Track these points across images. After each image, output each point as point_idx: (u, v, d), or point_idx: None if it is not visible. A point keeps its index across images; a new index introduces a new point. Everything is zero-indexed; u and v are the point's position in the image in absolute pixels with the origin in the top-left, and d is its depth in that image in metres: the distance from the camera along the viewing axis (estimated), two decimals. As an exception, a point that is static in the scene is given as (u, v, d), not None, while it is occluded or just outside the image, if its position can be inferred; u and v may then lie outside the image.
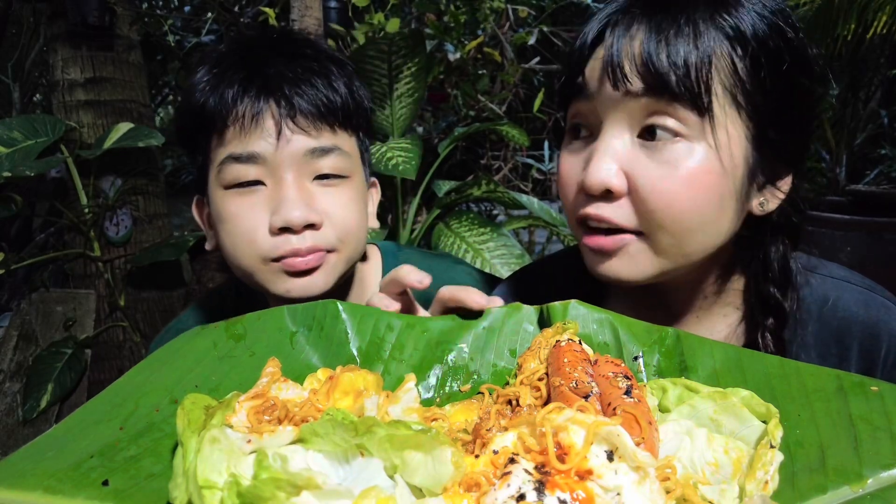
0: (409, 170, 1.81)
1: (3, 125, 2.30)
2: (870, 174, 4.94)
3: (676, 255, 0.66)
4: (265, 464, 0.37)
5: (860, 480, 0.42)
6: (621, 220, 0.65)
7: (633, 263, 0.67)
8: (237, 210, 0.81)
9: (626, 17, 0.64)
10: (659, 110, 0.62)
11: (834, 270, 0.77)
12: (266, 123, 0.79)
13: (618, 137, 0.65)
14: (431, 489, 0.39)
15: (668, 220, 0.64)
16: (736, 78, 0.62)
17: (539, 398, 0.50)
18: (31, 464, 0.43)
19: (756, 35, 0.63)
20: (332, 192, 0.83)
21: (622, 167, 0.64)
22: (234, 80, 0.79)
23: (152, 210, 2.68)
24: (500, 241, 2.18)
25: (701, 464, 0.44)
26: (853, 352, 0.73)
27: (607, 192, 0.65)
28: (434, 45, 2.88)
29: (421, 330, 0.61)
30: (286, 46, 0.85)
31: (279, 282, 0.82)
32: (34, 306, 2.53)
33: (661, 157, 0.63)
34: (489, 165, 3.66)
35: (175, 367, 0.55)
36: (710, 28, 0.62)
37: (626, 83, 0.62)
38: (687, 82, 0.61)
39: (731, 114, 0.63)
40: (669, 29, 0.61)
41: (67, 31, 2.48)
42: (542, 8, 3.59)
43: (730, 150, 0.63)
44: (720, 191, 0.64)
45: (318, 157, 0.81)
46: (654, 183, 0.63)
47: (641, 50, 0.61)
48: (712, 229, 0.66)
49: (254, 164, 0.79)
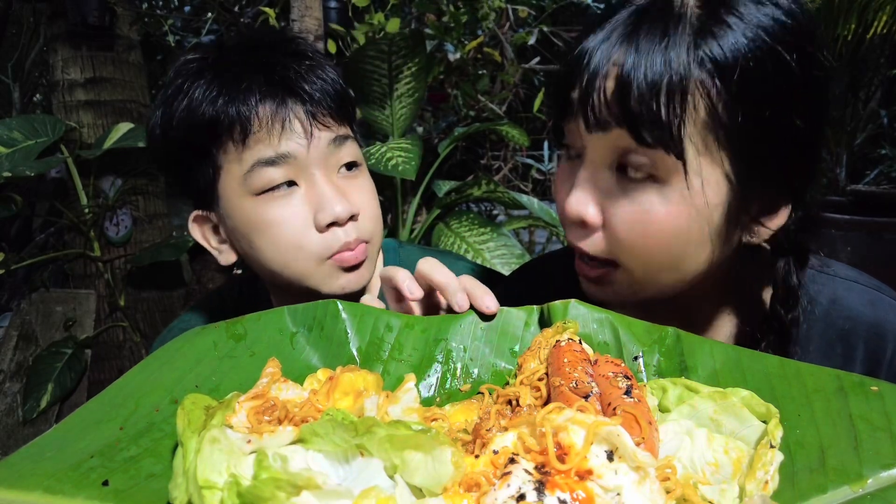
0: (409, 170, 1.82)
1: (4, 125, 2.31)
2: (870, 174, 4.94)
3: (653, 286, 0.67)
4: (265, 464, 0.37)
5: (860, 480, 0.42)
6: (594, 251, 0.66)
7: (614, 291, 0.69)
8: (278, 215, 0.79)
9: (607, 47, 0.60)
10: (633, 149, 0.60)
11: (841, 270, 0.76)
12: (293, 124, 0.79)
13: (597, 169, 0.64)
14: (431, 489, 0.39)
15: (638, 257, 0.64)
16: (714, 120, 0.58)
17: (539, 398, 0.50)
18: (31, 464, 0.43)
19: (741, 65, 0.57)
20: (356, 182, 0.85)
21: (598, 200, 0.64)
22: (252, 86, 0.78)
23: (152, 210, 2.68)
24: (501, 241, 2.18)
25: (701, 464, 0.44)
26: (858, 351, 0.72)
27: (583, 222, 0.65)
28: (434, 45, 2.88)
29: (420, 330, 0.61)
30: (285, 45, 0.85)
31: (333, 280, 0.83)
32: (34, 306, 2.53)
33: (634, 195, 0.62)
34: (489, 165, 3.66)
35: (175, 367, 0.55)
36: (691, 64, 0.57)
37: (603, 119, 0.61)
38: (657, 129, 0.58)
39: (707, 158, 0.60)
40: (643, 67, 0.58)
41: (67, 31, 2.48)
42: (542, 8, 3.59)
43: (705, 195, 0.61)
44: (693, 233, 0.62)
45: (338, 147, 0.83)
46: (626, 221, 0.63)
47: (616, 89, 0.59)
48: (687, 265, 0.65)
49: (284, 166, 0.79)
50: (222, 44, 0.86)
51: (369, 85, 2.20)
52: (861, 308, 0.73)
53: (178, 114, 0.80)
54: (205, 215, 0.87)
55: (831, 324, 0.73)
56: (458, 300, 0.61)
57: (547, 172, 4.42)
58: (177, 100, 0.80)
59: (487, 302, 0.61)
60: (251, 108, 0.77)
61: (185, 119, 0.80)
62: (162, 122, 0.82)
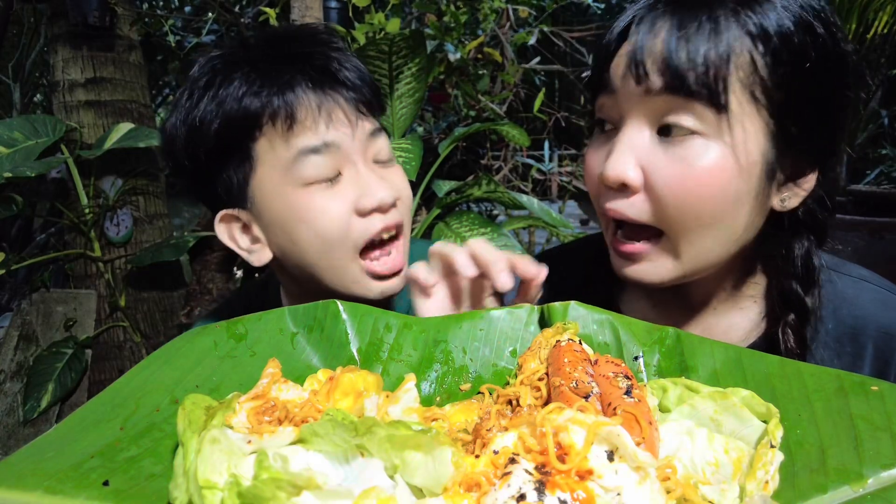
0: (410, 170, 1.82)
1: (4, 125, 2.31)
2: (870, 174, 4.94)
3: (694, 256, 0.67)
4: (266, 464, 0.37)
5: (860, 480, 0.42)
6: (636, 215, 0.66)
7: (654, 268, 0.69)
8: (322, 204, 0.79)
9: (651, 13, 0.64)
10: (677, 107, 0.63)
11: (854, 270, 0.77)
12: (337, 113, 0.79)
13: (637, 132, 0.65)
14: (432, 489, 0.39)
15: (681, 217, 0.65)
16: (756, 75, 0.62)
17: (539, 398, 0.50)
18: (31, 464, 0.43)
19: (780, 31, 0.62)
20: (390, 171, 0.86)
21: (639, 162, 0.65)
22: (296, 76, 0.78)
23: (153, 210, 2.69)
24: (501, 241, 2.18)
25: (701, 464, 0.44)
26: (868, 351, 0.72)
27: (623, 185, 0.66)
28: (434, 45, 2.88)
29: (419, 330, 0.61)
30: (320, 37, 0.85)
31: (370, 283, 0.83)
32: (35, 306, 2.53)
33: (677, 153, 0.63)
34: (489, 165, 3.67)
35: (175, 367, 0.55)
36: (732, 25, 0.62)
37: (647, 80, 0.63)
38: (704, 80, 0.61)
39: (750, 111, 0.63)
40: (690, 26, 0.61)
41: (68, 32, 2.48)
42: (542, 8, 3.59)
43: (746, 148, 0.63)
44: (735, 188, 0.64)
45: (375, 137, 0.84)
46: (669, 179, 0.64)
47: (663, 47, 0.62)
48: (727, 226, 0.66)
49: (328, 154, 0.79)
50: (246, 41, 0.85)
51: (369, 85, 2.20)
52: (872, 308, 0.73)
53: (208, 112, 0.79)
54: (234, 214, 0.84)
55: (841, 322, 0.74)
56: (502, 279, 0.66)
57: (547, 172, 4.42)
58: (204, 99, 0.79)
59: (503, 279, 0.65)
60: (297, 97, 0.77)
61: (218, 115, 0.78)
62: (187, 123, 0.80)
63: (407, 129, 2.38)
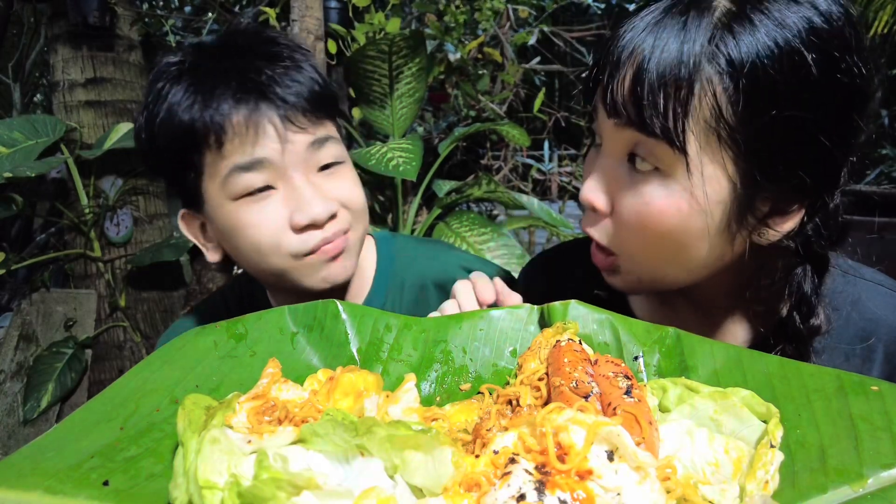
0: (410, 171, 1.81)
1: (4, 125, 2.31)
2: (870, 174, 4.94)
3: (656, 278, 0.69)
4: (266, 464, 0.37)
5: (860, 480, 0.42)
6: (599, 237, 0.69)
7: (623, 280, 0.71)
8: (255, 218, 0.80)
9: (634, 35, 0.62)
10: (641, 142, 0.62)
11: (865, 272, 0.76)
12: (267, 130, 0.79)
13: (610, 158, 0.66)
14: (432, 489, 0.39)
15: (637, 248, 0.66)
16: (721, 118, 0.58)
17: (539, 398, 0.50)
18: (31, 464, 0.43)
19: (752, 66, 0.56)
20: (336, 179, 0.85)
21: (607, 189, 0.67)
22: (225, 93, 0.78)
23: (153, 210, 2.69)
24: (501, 241, 2.18)
25: (701, 464, 0.44)
26: (878, 353, 0.72)
27: (593, 208, 0.68)
28: (434, 45, 2.88)
29: (419, 330, 0.61)
30: (260, 47, 0.84)
31: (315, 272, 0.84)
32: (35, 306, 2.53)
33: (638, 186, 0.64)
34: (489, 165, 3.67)
35: (176, 367, 0.55)
36: (702, 58, 0.57)
37: (615, 112, 0.63)
38: (663, 122, 0.59)
39: (710, 153, 0.60)
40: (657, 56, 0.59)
41: (68, 32, 2.48)
42: (542, 8, 3.59)
43: (704, 191, 0.61)
44: (688, 228, 0.62)
45: (317, 148, 0.83)
46: (628, 210, 0.65)
47: (630, 82, 0.60)
48: (687, 259, 0.65)
49: (261, 171, 0.79)
50: (201, 46, 0.86)
51: (370, 85, 2.20)
52: (884, 311, 0.73)
53: (160, 119, 0.80)
54: (192, 214, 0.89)
55: (852, 325, 0.73)
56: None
57: (547, 173, 4.42)
58: (157, 104, 0.80)
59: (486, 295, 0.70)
60: (224, 116, 0.77)
61: (165, 124, 0.80)
62: (146, 127, 0.83)
63: (407, 129, 2.38)
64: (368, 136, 2.66)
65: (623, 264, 0.69)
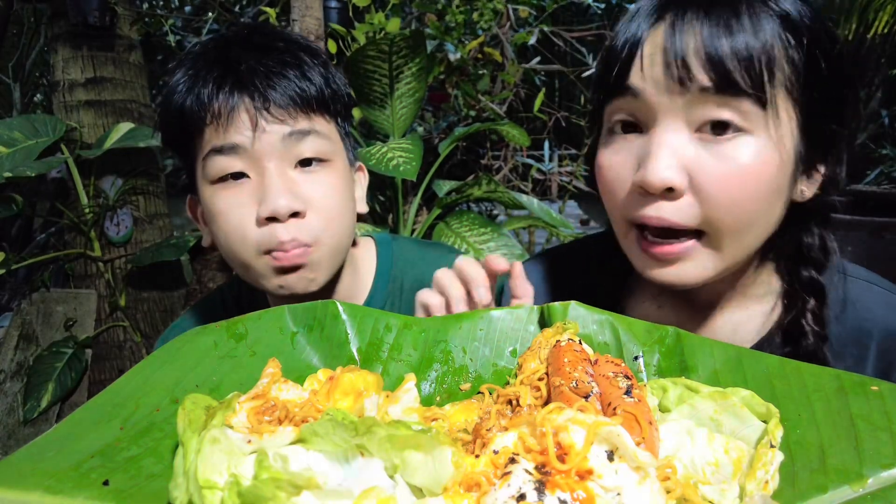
0: (410, 171, 1.81)
1: (4, 125, 2.31)
2: (870, 174, 4.94)
3: (735, 252, 0.66)
4: (266, 464, 0.37)
5: (860, 480, 0.42)
6: (684, 220, 0.64)
7: (695, 267, 0.66)
8: (226, 205, 0.82)
9: (678, 10, 0.62)
10: (720, 104, 0.61)
11: (859, 272, 0.77)
12: (241, 117, 0.80)
13: (675, 133, 0.63)
14: (432, 489, 0.39)
15: (732, 216, 0.63)
16: (792, 68, 0.62)
17: (539, 398, 0.50)
18: (31, 464, 0.43)
19: (804, 22, 0.62)
20: (314, 178, 0.84)
21: (682, 164, 0.63)
22: (208, 80, 0.81)
23: (153, 210, 2.68)
24: (501, 241, 2.18)
25: (701, 463, 0.44)
26: (871, 352, 0.72)
27: (668, 190, 0.63)
28: (434, 45, 2.88)
29: (419, 330, 0.61)
30: (258, 41, 0.86)
31: (271, 277, 0.83)
32: (35, 306, 2.53)
33: (721, 152, 0.62)
34: (489, 165, 3.66)
35: (176, 367, 0.55)
36: (766, 17, 0.61)
37: (690, 80, 0.61)
38: (752, 76, 0.60)
39: (786, 105, 0.63)
40: (729, 20, 0.60)
41: (68, 32, 2.48)
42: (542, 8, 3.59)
43: (784, 142, 0.63)
44: (778, 182, 0.64)
45: (297, 141, 0.82)
46: (718, 179, 0.62)
47: (704, 45, 0.60)
48: (767, 221, 0.66)
49: (235, 156, 0.80)
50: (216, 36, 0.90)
51: (370, 85, 2.20)
52: (876, 310, 0.73)
53: (162, 101, 0.86)
54: (193, 198, 0.92)
55: (846, 325, 0.73)
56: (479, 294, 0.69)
57: (547, 172, 4.42)
58: (165, 90, 0.86)
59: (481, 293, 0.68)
60: (202, 100, 0.80)
61: (163, 107, 0.86)
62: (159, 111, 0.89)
63: (407, 129, 2.38)
64: (368, 135, 2.66)
65: (702, 246, 0.66)
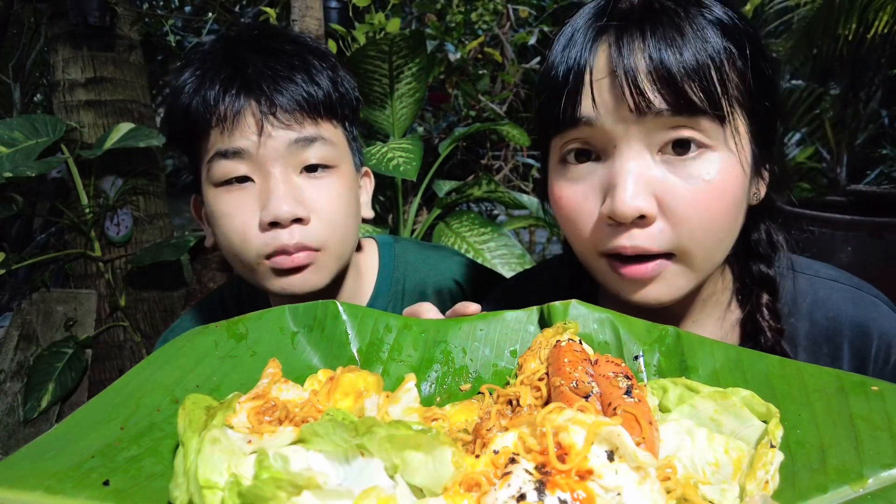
0: (410, 171, 1.81)
1: (4, 125, 2.31)
2: (870, 174, 4.94)
3: (707, 266, 0.67)
4: (266, 464, 0.37)
5: (861, 480, 0.42)
6: (658, 246, 0.63)
7: (670, 286, 0.66)
8: (229, 208, 0.82)
9: (618, 30, 0.60)
10: (679, 125, 0.60)
11: (822, 270, 0.77)
12: (247, 121, 0.80)
13: (637, 159, 0.62)
14: (432, 489, 0.39)
15: (704, 234, 0.63)
16: (739, 77, 0.62)
17: (539, 398, 0.50)
18: (31, 464, 0.43)
19: (738, 26, 0.62)
20: (319, 184, 0.84)
21: (650, 189, 0.61)
22: (215, 82, 0.80)
23: (153, 210, 2.68)
24: (501, 241, 2.18)
25: (701, 463, 0.44)
26: (844, 350, 0.73)
27: (639, 217, 0.62)
28: (435, 45, 2.88)
29: (419, 331, 0.61)
30: (266, 43, 0.86)
31: (273, 279, 0.83)
32: (35, 306, 2.53)
33: (687, 171, 0.61)
34: (490, 165, 3.66)
35: (176, 367, 0.55)
36: (707, 27, 0.60)
37: (645, 103, 0.59)
38: (707, 94, 0.59)
39: (740, 114, 0.63)
40: (674, 35, 0.59)
41: (68, 32, 2.48)
42: (542, 8, 3.59)
43: (745, 152, 0.64)
44: (742, 194, 0.65)
45: (303, 147, 0.82)
46: (688, 201, 0.61)
47: (654, 66, 0.58)
48: (734, 231, 0.67)
49: (240, 160, 0.80)
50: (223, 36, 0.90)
51: (370, 85, 2.20)
52: (845, 307, 0.74)
53: (170, 103, 0.86)
54: (197, 198, 0.91)
55: (816, 324, 0.74)
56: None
57: (547, 172, 4.41)
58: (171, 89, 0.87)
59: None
60: (208, 102, 0.80)
61: (170, 106, 0.86)
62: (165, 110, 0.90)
63: (407, 129, 2.38)
64: (368, 135, 2.66)
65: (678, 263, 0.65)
